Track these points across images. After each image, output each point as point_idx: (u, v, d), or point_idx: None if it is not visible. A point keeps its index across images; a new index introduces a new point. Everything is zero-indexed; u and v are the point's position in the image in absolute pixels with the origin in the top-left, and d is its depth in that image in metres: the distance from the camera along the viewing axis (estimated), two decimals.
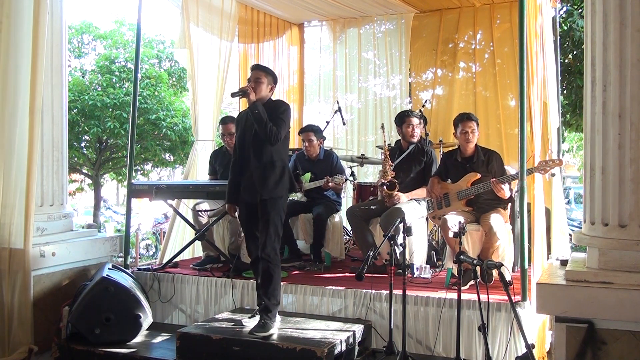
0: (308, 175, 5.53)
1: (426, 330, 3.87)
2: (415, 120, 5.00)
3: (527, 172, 4.06)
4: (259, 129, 3.73)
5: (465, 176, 4.51)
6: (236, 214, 4.05)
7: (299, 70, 7.99)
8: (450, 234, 4.10)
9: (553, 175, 4.59)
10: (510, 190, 4.43)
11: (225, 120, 5.42)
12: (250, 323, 3.84)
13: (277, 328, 3.74)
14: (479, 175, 4.45)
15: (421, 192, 4.87)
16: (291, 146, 7.15)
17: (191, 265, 5.09)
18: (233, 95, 3.92)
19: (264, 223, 3.78)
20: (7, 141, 4.00)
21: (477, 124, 4.56)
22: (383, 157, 4.98)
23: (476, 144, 4.61)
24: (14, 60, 4.03)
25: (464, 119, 4.54)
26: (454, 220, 4.27)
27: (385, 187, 4.81)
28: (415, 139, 5.01)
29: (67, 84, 5.19)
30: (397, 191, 4.84)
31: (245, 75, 7.08)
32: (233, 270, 4.58)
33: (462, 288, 3.49)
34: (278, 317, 3.85)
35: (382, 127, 5.57)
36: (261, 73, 3.90)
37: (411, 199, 4.85)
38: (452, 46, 7.12)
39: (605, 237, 3.18)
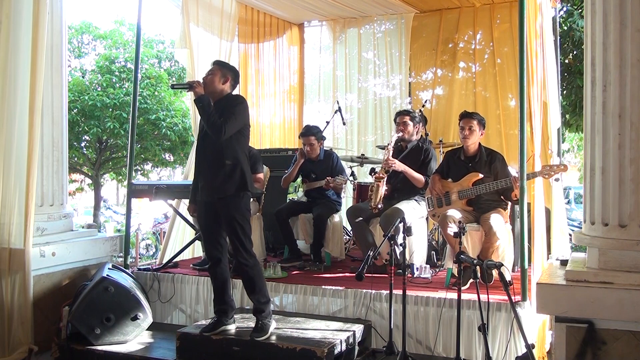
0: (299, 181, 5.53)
1: (426, 330, 3.87)
2: (405, 118, 5.00)
3: (531, 175, 4.06)
4: (204, 123, 3.64)
5: (467, 176, 4.51)
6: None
7: (299, 70, 7.99)
8: (450, 232, 4.10)
9: (557, 180, 4.58)
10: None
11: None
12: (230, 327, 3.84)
13: (275, 327, 3.74)
14: (480, 176, 4.45)
15: (418, 176, 4.85)
16: (291, 146, 7.18)
17: (191, 265, 5.08)
18: (173, 86, 3.73)
19: (228, 226, 3.68)
20: (5, 141, 3.99)
21: (481, 123, 4.53)
22: (385, 149, 4.96)
23: (480, 144, 4.60)
24: (13, 60, 4.03)
25: (464, 116, 4.55)
26: (453, 216, 4.26)
27: (374, 175, 4.83)
28: (405, 135, 5.00)
29: (67, 84, 5.19)
30: (393, 191, 4.88)
31: (245, 75, 7.11)
32: (233, 270, 4.57)
33: (462, 288, 3.49)
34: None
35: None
36: (214, 66, 3.82)
37: (410, 201, 4.84)
38: (452, 46, 7.12)
39: (605, 237, 3.18)
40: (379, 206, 4.69)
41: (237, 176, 3.68)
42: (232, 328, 3.82)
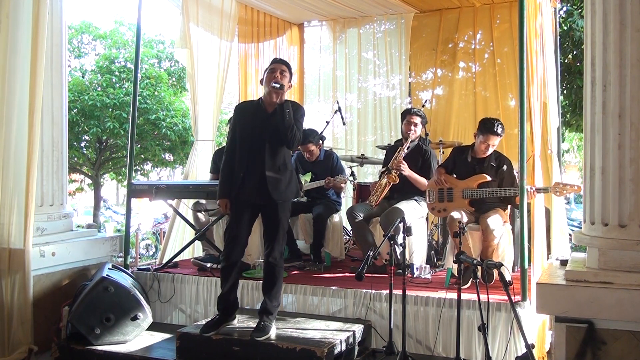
0: (309, 175, 5.53)
1: (426, 330, 3.87)
2: (416, 119, 4.99)
3: (542, 190, 4.10)
4: (283, 131, 3.56)
5: (473, 176, 4.50)
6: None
7: (299, 70, 7.98)
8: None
9: (568, 200, 4.58)
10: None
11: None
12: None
13: (276, 328, 3.75)
14: (488, 178, 4.44)
15: (422, 180, 4.86)
16: None
17: (192, 259, 5.11)
18: (274, 87, 3.57)
19: (274, 227, 3.72)
20: (4, 141, 3.99)
21: (503, 134, 4.46)
22: (399, 149, 4.97)
23: None
24: (13, 59, 4.03)
25: (490, 132, 4.40)
26: (459, 217, 4.25)
27: (387, 173, 4.85)
28: (413, 136, 5.00)
29: (67, 84, 5.19)
30: (392, 191, 4.89)
31: (246, 75, 7.11)
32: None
33: (464, 286, 3.48)
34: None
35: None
36: (285, 67, 3.71)
37: (410, 201, 4.84)
38: (452, 46, 7.11)
39: (605, 237, 3.18)
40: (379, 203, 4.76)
41: (294, 182, 3.79)
42: (234, 325, 3.82)
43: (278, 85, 3.56)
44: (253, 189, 3.67)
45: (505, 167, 4.51)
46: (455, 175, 4.62)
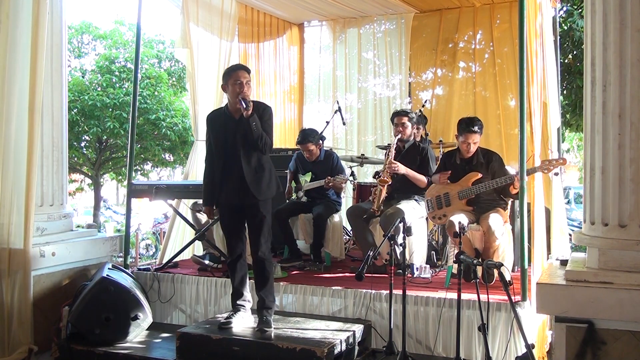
0: (309, 175, 5.53)
1: (426, 330, 3.87)
2: (403, 119, 5.00)
3: (530, 171, 4.06)
4: (253, 142, 3.70)
5: (465, 176, 4.51)
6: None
7: (299, 70, 7.99)
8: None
9: (556, 174, 4.58)
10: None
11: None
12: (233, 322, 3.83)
13: (275, 328, 3.75)
14: (480, 175, 4.44)
15: (421, 177, 4.86)
16: (291, 146, 7.19)
17: (192, 255, 5.15)
18: (241, 107, 3.65)
19: (258, 224, 3.82)
20: (3, 141, 3.98)
21: (481, 131, 4.49)
22: (387, 152, 4.98)
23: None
24: (13, 60, 4.03)
25: (467, 130, 4.43)
26: (458, 221, 4.25)
27: (377, 177, 4.86)
28: (404, 137, 5.00)
29: (67, 84, 5.19)
30: (392, 191, 4.88)
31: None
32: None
33: (469, 282, 3.46)
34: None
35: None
36: (249, 76, 3.82)
37: (410, 200, 4.85)
38: (452, 46, 7.11)
39: (605, 237, 3.18)
40: (381, 208, 4.73)
41: (275, 180, 3.91)
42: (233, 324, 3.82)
43: (245, 106, 3.65)
44: (236, 192, 3.80)
45: (494, 161, 4.51)
46: (448, 180, 4.62)
